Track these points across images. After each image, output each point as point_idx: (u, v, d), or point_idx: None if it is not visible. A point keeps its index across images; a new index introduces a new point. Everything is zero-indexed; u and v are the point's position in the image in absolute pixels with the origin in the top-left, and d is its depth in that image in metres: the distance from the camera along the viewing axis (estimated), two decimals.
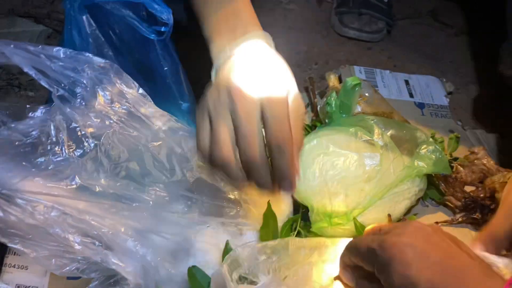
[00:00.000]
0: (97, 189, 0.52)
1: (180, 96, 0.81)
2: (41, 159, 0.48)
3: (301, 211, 0.76)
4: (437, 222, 0.80)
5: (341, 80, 1.01)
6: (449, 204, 0.82)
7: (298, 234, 0.75)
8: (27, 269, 0.66)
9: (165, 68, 0.69)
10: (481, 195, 0.80)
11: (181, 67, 0.81)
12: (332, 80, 0.96)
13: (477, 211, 0.79)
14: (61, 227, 0.52)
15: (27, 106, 0.49)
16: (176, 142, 0.57)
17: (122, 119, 0.51)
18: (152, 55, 0.66)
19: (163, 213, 0.58)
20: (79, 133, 0.50)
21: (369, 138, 0.74)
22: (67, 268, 0.57)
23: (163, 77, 0.69)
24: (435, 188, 0.83)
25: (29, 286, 0.65)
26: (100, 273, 0.59)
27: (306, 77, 1.04)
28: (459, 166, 0.82)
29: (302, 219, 0.75)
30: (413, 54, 1.22)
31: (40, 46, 0.49)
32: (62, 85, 0.49)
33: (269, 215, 0.67)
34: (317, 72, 1.12)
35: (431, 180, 0.82)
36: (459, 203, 0.80)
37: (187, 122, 0.81)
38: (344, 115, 0.86)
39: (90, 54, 0.51)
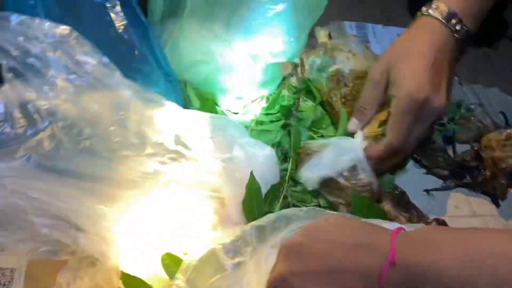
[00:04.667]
0: (61, 168, 0.47)
1: (157, 68, 0.77)
2: None
3: (288, 173, 0.73)
4: (426, 190, 0.77)
5: (331, 37, 0.95)
6: (437, 175, 0.79)
7: (285, 199, 0.72)
8: (3, 250, 0.63)
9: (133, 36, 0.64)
10: (468, 158, 0.76)
11: (152, 32, 0.77)
12: (322, 36, 0.90)
13: (466, 175, 0.75)
14: (25, 211, 0.49)
15: None
16: (146, 115, 0.52)
17: (81, 91, 0.47)
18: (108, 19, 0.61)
19: (135, 190, 0.54)
20: (31, 110, 0.45)
21: None
22: (39, 251, 0.54)
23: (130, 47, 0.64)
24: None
25: (6, 268, 0.62)
26: (75, 254, 0.56)
27: None
28: (434, 136, 0.78)
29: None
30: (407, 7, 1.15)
31: None
32: (13, 55, 0.44)
33: (252, 185, 0.64)
34: None
35: None
36: (446, 172, 0.77)
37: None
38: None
39: (45, 20, 0.45)
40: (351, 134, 0.76)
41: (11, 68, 0.44)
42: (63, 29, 0.46)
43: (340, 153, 0.70)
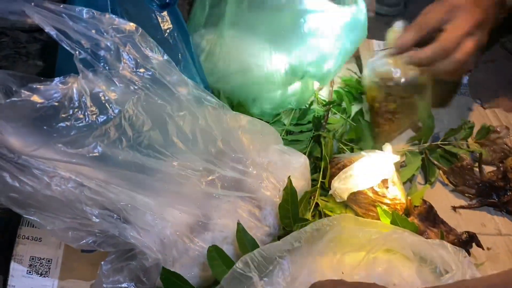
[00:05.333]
0: (120, 158, 0.49)
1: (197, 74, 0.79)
2: (63, 124, 0.45)
3: (319, 181, 0.75)
4: (453, 207, 0.78)
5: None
6: (464, 192, 0.80)
7: (316, 206, 0.73)
8: (40, 241, 0.64)
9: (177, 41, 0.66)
10: (494, 178, 0.77)
11: (191, 39, 0.79)
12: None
13: (493, 195, 0.77)
14: (79, 199, 0.50)
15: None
16: (200, 113, 0.54)
17: (147, 85, 0.48)
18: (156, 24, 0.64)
19: (183, 186, 0.55)
20: (102, 99, 0.46)
21: None
22: (84, 241, 0.55)
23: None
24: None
25: (43, 258, 0.63)
26: (117, 246, 0.57)
27: None
28: (463, 155, 0.80)
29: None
30: None
31: (62, 5, 0.45)
32: (85, 47, 0.46)
33: (289, 190, 0.65)
34: None
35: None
36: (472, 190, 0.78)
37: None
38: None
39: (114, 16, 0.47)
40: (380, 148, 0.78)
41: (83, 59, 0.46)
42: (130, 25, 0.48)
43: (370, 167, 0.72)
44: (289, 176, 0.65)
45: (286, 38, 0.79)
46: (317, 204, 0.74)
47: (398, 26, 0.87)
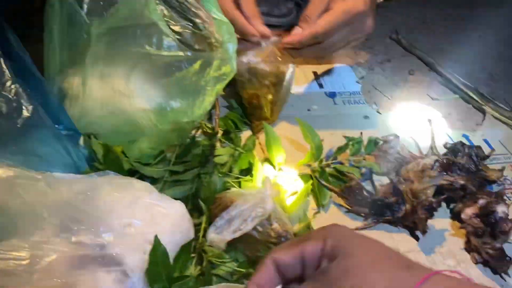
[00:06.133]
0: None
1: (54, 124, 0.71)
2: None
3: (202, 228, 0.69)
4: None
5: None
6: (358, 213, 0.76)
7: (200, 256, 0.67)
8: None
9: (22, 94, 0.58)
10: (387, 193, 0.74)
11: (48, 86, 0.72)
12: None
13: (387, 211, 0.73)
14: None
15: None
16: (11, 196, 0.46)
17: None
18: None
19: (14, 279, 0.48)
20: None
21: None
22: None
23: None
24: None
25: None
26: None
27: None
28: (349, 174, 0.76)
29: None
30: None
31: None
32: None
33: (156, 252, 0.59)
34: None
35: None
36: (366, 210, 0.74)
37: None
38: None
39: None
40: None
41: None
42: None
43: (250, 207, 0.66)
44: (155, 236, 0.59)
45: (150, 78, 0.73)
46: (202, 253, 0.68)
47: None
